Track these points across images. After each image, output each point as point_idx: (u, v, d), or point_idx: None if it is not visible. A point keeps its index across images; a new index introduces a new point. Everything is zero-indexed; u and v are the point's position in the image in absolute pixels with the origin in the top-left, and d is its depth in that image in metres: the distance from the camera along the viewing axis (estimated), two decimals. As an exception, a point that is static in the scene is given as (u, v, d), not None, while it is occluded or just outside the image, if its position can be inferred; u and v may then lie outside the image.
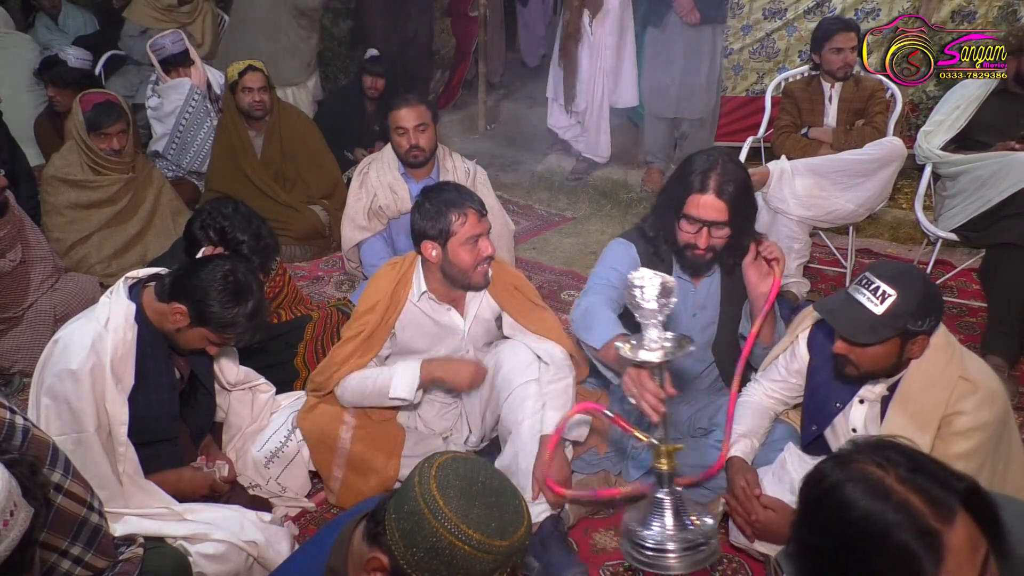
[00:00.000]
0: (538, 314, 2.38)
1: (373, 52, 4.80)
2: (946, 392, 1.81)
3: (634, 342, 1.68)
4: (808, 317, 2.12)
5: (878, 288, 1.74)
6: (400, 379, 2.24)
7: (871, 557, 1.01)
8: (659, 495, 1.80)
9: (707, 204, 2.13)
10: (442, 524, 1.08)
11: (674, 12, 4.41)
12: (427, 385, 2.30)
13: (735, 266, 2.27)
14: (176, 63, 4.44)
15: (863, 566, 1.02)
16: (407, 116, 3.08)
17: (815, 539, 1.09)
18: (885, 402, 1.93)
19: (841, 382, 1.97)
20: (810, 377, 2.09)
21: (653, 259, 2.30)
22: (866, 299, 1.76)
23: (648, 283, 1.59)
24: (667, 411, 1.74)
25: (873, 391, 1.94)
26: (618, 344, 1.72)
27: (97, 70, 4.86)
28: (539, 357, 2.23)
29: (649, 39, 4.65)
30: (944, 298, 2.23)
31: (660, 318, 1.62)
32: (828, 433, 2.07)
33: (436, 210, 2.18)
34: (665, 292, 1.59)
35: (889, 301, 1.73)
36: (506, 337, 2.42)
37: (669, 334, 1.66)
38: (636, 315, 1.64)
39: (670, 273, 2.29)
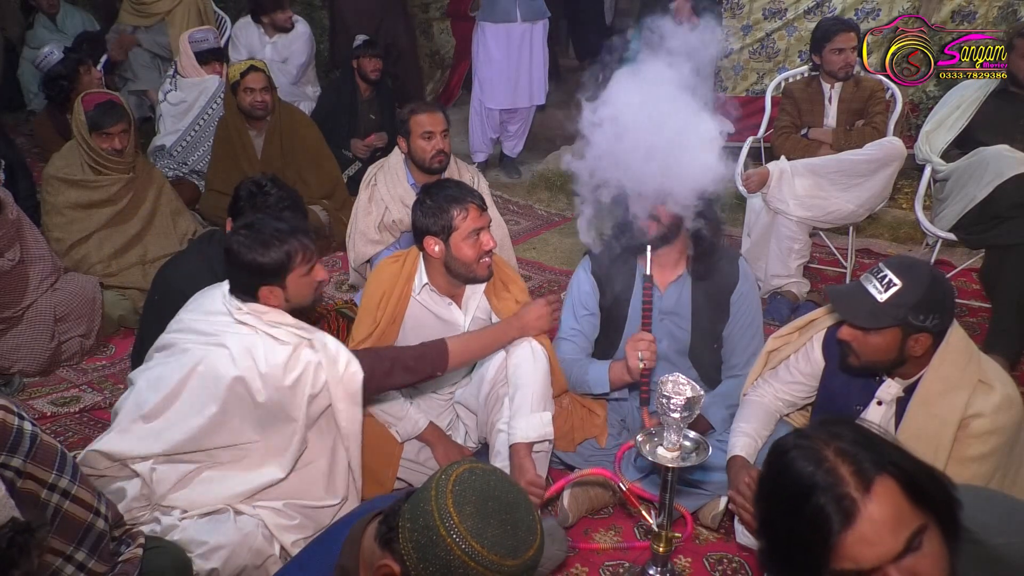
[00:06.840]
0: None
1: (363, 37, 4.79)
2: (965, 395, 1.82)
3: (655, 439, 1.78)
4: (821, 319, 2.12)
5: (885, 276, 1.79)
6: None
7: (793, 515, 1.08)
8: (651, 572, 1.92)
9: None
10: (456, 543, 1.08)
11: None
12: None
13: (706, 271, 2.31)
14: (213, 58, 4.52)
15: (788, 524, 1.09)
16: (434, 121, 3.08)
17: (763, 505, 1.17)
18: (900, 403, 1.94)
19: (850, 376, 1.98)
20: (826, 380, 2.09)
21: (612, 265, 2.34)
22: (872, 287, 1.80)
23: (675, 396, 1.70)
24: (671, 504, 1.85)
25: (889, 392, 1.94)
26: (638, 438, 1.81)
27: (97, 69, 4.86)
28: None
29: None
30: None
31: (681, 426, 1.74)
32: None
33: (438, 206, 2.20)
34: (688, 406, 1.70)
35: (893, 290, 1.77)
36: None
37: (690, 434, 1.79)
38: (660, 416, 1.75)
39: (633, 273, 2.35)
